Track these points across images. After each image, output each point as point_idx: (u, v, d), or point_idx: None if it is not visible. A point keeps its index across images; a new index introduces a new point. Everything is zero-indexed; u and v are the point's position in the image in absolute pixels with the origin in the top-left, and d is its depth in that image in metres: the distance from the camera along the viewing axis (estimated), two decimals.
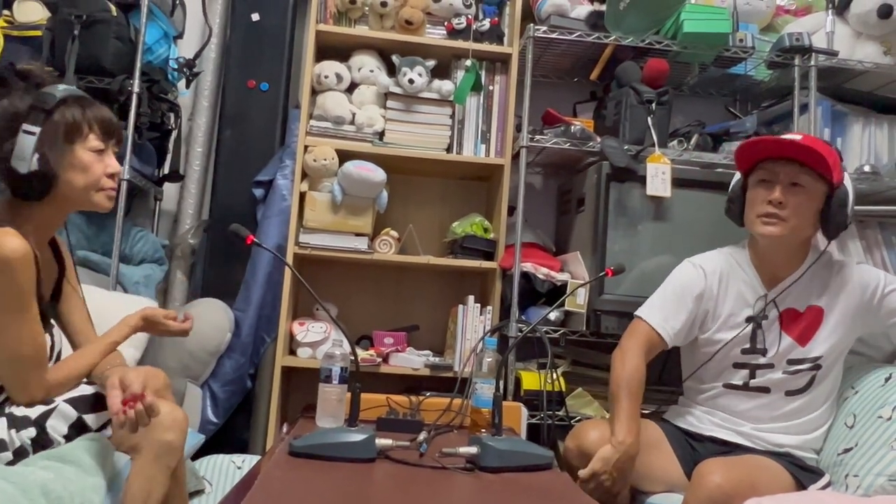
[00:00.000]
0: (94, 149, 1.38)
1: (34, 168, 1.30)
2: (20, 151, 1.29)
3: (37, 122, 1.31)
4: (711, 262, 1.80)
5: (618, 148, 2.19)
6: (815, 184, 1.63)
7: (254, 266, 2.42)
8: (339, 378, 1.65)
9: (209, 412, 2.30)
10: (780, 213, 1.64)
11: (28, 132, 1.30)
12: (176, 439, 1.48)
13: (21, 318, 1.28)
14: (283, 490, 1.15)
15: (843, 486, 1.56)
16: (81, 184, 1.37)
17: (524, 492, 1.27)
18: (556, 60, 2.56)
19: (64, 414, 1.40)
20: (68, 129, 1.35)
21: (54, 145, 1.33)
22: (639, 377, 1.69)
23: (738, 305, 1.74)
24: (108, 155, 1.42)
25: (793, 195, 1.64)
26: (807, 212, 1.64)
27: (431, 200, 2.59)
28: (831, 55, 2.31)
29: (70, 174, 1.36)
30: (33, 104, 1.32)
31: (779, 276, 1.72)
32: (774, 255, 1.72)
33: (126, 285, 2.29)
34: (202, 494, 1.92)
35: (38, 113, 1.32)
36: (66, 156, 1.35)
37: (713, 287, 1.76)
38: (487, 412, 1.72)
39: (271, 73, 2.59)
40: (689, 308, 1.75)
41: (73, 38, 2.15)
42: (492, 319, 2.27)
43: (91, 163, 1.38)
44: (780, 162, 1.65)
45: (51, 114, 1.33)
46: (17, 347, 1.29)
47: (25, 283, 1.27)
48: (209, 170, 2.68)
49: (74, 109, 1.36)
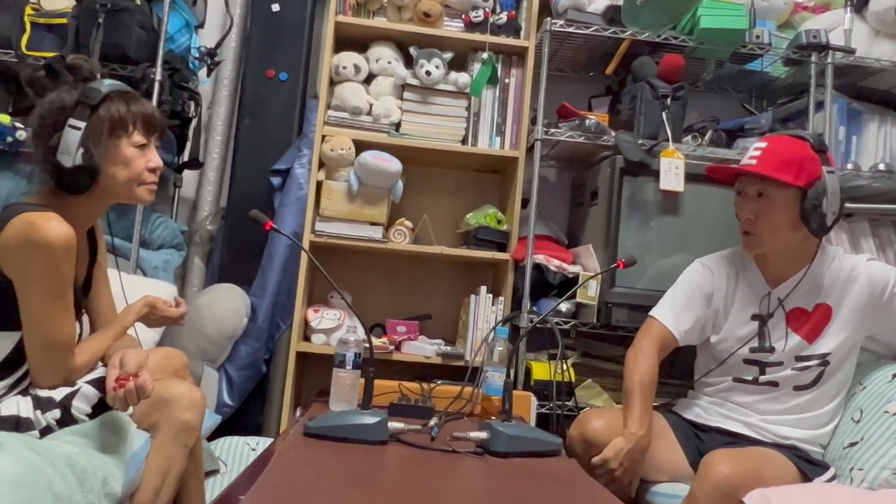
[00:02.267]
0: (137, 144, 1.40)
1: (78, 162, 1.32)
2: (65, 146, 1.31)
3: (82, 117, 1.33)
4: (720, 262, 1.83)
5: (632, 142, 2.20)
6: (780, 192, 1.64)
7: (270, 253, 2.46)
8: (352, 363, 1.68)
9: (225, 395, 2.35)
10: (753, 230, 1.68)
11: (74, 127, 1.32)
12: (193, 419, 1.52)
13: (59, 303, 1.29)
14: (298, 469, 1.18)
15: (848, 479, 1.58)
16: (123, 178, 1.39)
17: (533, 476, 1.30)
18: (572, 54, 2.58)
19: (87, 395, 1.44)
20: (113, 124, 1.36)
21: (99, 140, 1.35)
22: (651, 374, 1.72)
23: (745, 305, 1.76)
24: (150, 149, 1.44)
25: (762, 207, 1.66)
26: (780, 220, 1.65)
27: (446, 191, 2.62)
28: (848, 53, 2.31)
29: (113, 168, 1.38)
30: (80, 99, 1.34)
31: (783, 275, 1.74)
32: (775, 258, 1.74)
33: (146, 269, 2.34)
34: (217, 474, 1.97)
35: (84, 108, 1.33)
36: (110, 150, 1.37)
37: (722, 287, 1.79)
38: (498, 400, 1.75)
39: (290, 64, 2.62)
40: (699, 307, 1.79)
41: (97, 25, 2.19)
42: (503, 310, 2.29)
43: (134, 157, 1.39)
44: (745, 176, 1.70)
45: (96, 109, 1.35)
46: (52, 333, 1.29)
47: (66, 268, 1.28)
48: (228, 158, 2.72)
49: (119, 104, 1.38)
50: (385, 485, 1.15)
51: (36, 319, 1.28)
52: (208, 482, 1.92)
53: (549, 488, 1.23)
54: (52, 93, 1.37)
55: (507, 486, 1.22)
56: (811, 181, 1.62)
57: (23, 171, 2.41)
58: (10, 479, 1.10)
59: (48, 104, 1.35)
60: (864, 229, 2.30)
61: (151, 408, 1.51)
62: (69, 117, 1.32)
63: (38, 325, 1.28)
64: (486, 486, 1.22)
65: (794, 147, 1.66)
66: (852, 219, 2.31)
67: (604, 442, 1.65)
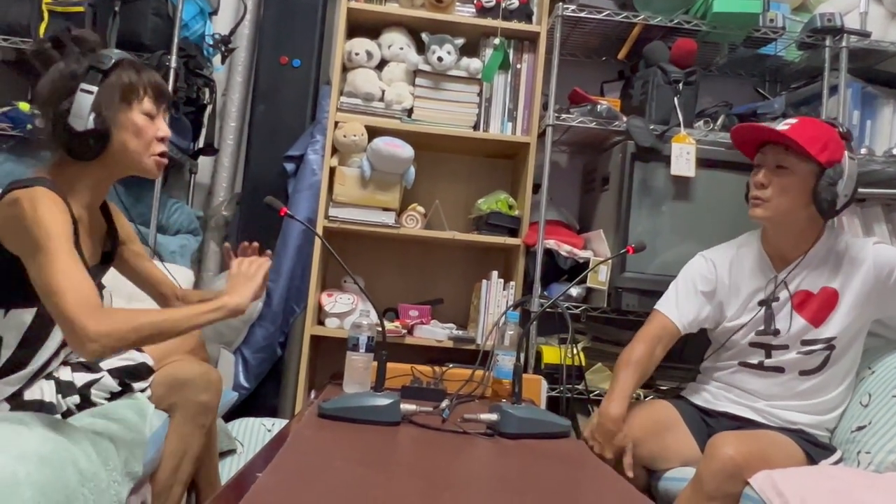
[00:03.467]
0: (147, 112, 1.41)
1: (91, 126, 1.32)
2: (78, 109, 1.32)
3: (94, 82, 1.34)
4: (721, 253, 1.86)
5: (643, 127, 2.20)
6: (800, 165, 1.65)
7: (284, 238, 2.50)
8: (365, 347, 1.71)
9: (241, 377, 2.40)
10: (762, 194, 1.69)
11: (86, 91, 1.33)
12: (211, 400, 1.57)
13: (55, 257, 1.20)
14: (313, 448, 1.22)
15: (855, 462, 1.60)
16: (134, 145, 1.39)
17: (542, 457, 1.33)
18: (584, 39, 2.57)
19: (106, 385, 1.48)
20: (124, 90, 1.38)
21: (111, 105, 1.36)
22: (639, 359, 1.77)
23: (751, 290, 1.77)
24: (159, 119, 1.45)
25: (777, 177, 1.68)
26: (792, 192, 1.66)
27: (458, 177, 2.64)
28: (864, 36, 2.28)
29: (124, 135, 1.38)
30: (91, 64, 1.35)
31: (788, 257, 1.75)
32: (780, 237, 1.75)
33: (163, 254, 2.38)
34: (234, 454, 2.02)
35: (96, 73, 1.35)
36: (121, 116, 1.38)
37: (724, 278, 1.82)
38: (508, 383, 1.78)
39: (303, 50, 2.64)
40: (701, 297, 1.82)
41: (113, 14, 2.23)
42: (514, 294, 2.31)
43: (144, 125, 1.40)
44: (769, 146, 1.71)
45: (107, 74, 1.36)
46: (55, 284, 1.19)
47: (55, 223, 1.23)
48: (242, 144, 2.75)
49: (130, 72, 1.39)
50: (397, 464, 1.19)
51: (44, 282, 1.20)
52: (225, 461, 1.97)
53: (558, 469, 1.26)
54: (59, 62, 1.37)
55: (516, 466, 1.25)
56: (832, 161, 1.63)
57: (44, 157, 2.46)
58: (38, 456, 1.14)
59: (58, 72, 1.36)
60: (878, 214, 2.29)
61: (169, 389, 1.55)
62: (81, 82, 1.33)
63: (43, 281, 1.20)
64: (495, 467, 1.25)
65: (823, 127, 1.68)
66: (865, 204, 2.30)
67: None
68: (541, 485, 1.13)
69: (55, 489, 1.13)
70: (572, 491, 1.13)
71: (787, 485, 1.37)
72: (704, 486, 1.48)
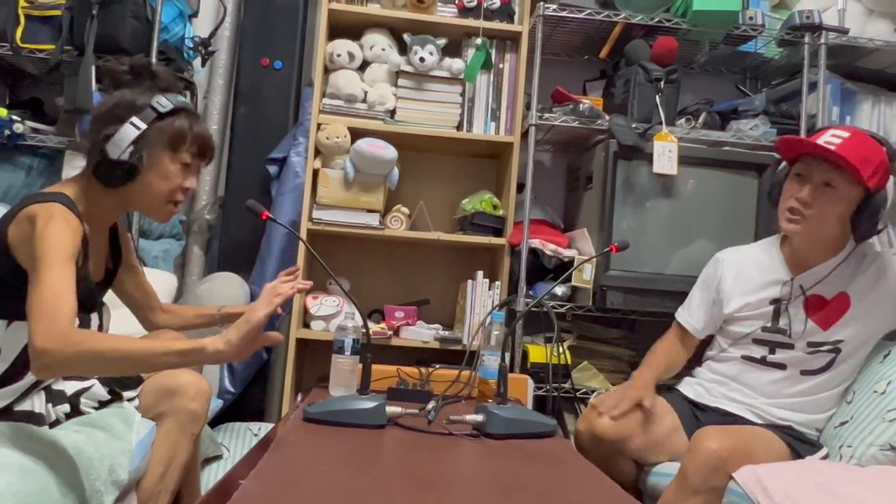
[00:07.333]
0: (184, 162, 1.44)
1: (124, 158, 1.36)
2: (119, 139, 1.35)
3: (146, 120, 1.37)
4: (736, 252, 1.88)
5: (625, 126, 2.21)
6: (848, 187, 1.59)
7: (268, 241, 2.48)
8: (351, 349, 1.70)
9: (226, 382, 2.38)
10: (805, 211, 1.64)
11: (135, 125, 1.36)
12: (199, 408, 1.56)
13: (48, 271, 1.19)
14: (297, 453, 1.21)
15: (838, 456, 1.61)
16: (157, 189, 1.43)
17: (527, 456, 1.33)
18: (565, 38, 2.58)
19: (96, 394, 1.47)
20: (172, 137, 1.41)
21: (153, 147, 1.39)
22: (660, 351, 1.89)
23: (763, 289, 1.76)
24: (192, 171, 1.48)
25: (822, 195, 1.62)
26: (832, 214, 1.63)
27: (442, 177, 2.63)
28: (842, 33, 2.31)
29: (152, 177, 1.41)
30: (151, 104, 1.38)
31: (808, 264, 1.73)
32: (803, 246, 1.73)
33: (145, 259, 2.36)
34: (220, 459, 2.01)
35: (151, 112, 1.38)
36: (158, 160, 1.41)
37: (728, 275, 1.83)
38: (494, 383, 1.78)
39: (285, 52, 2.63)
40: (709, 301, 1.86)
41: (91, 17, 2.20)
42: (500, 294, 2.32)
43: (175, 174, 1.43)
44: (818, 160, 1.63)
45: (162, 117, 1.39)
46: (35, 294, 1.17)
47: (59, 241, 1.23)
48: (224, 147, 2.73)
49: (184, 121, 1.42)
50: (382, 467, 1.18)
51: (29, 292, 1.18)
52: (211, 467, 1.96)
53: (544, 469, 1.26)
54: (126, 89, 1.41)
55: (501, 466, 1.25)
56: (879, 187, 1.59)
57: (22, 163, 2.43)
58: (19, 467, 1.13)
59: (120, 97, 1.40)
60: None
61: (158, 398, 1.54)
62: (133, 115, 1.37)
63: (30, 296, 1.18)
64: (480, 467, 1.25)
65: (875, 147, 1.61)
66: None
67: (615, 436, 1.68)
68: (526, 485, 1.14)
69: (37, 500, 1.12)
70: (558, 491, 1.13)
71: (772, 480, 1.37)
72: (689, 480, 1.48)
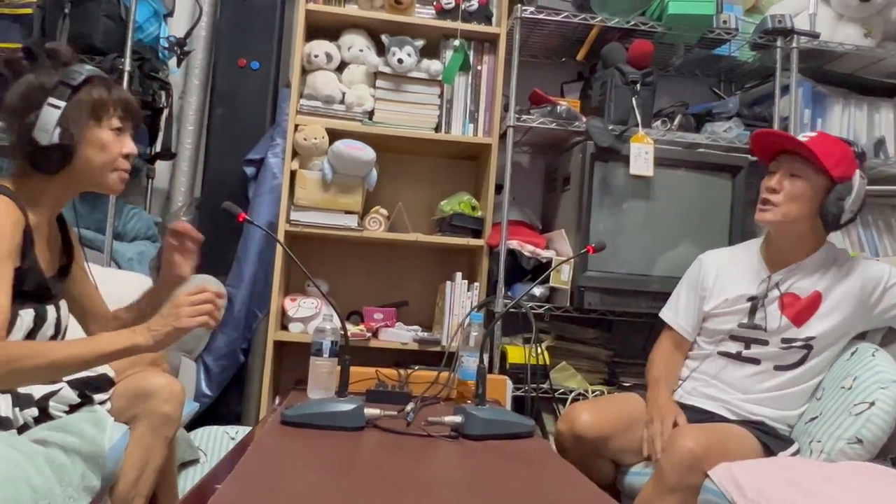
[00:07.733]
0: (114, 128, 1.41)
1: (55, 141, 1.32)
2: (43, 123, 1.32)
3: (62, 98, 1.33)
4: (718, 253, 1.95)
5: (602, 128, 2.23)
6: (813, 176, 1.69)
7: (246, 243, 2.46)
8: (329, 352, 1.70)
9: (203, 385, 2.36)
10: (773, 198, 1.74)
11: (53, 105, 1.32)
12: (173, 411, 1.54)
13: None
14: (275, 456, 1.20)
15: (808, 451, 1.64)
16: (98, 161, 1.39)
17: (505, 457, 1.33)
18: (543, 41, 2.59)
19: (65, 397, 1.44)
20: (93, 106, 1.37)
21: (78, 121, 1.35)
22: (660, 365, 1.91)
23: (742, 287, 1.82)
24: (126, 136, 1.44)
25: (790, 184, 1.72)
26: (801, 200, 1.71)
27: (420, 179, 2.63)
28: (813, 37, 2.35)
29: (88, 150, 1.38)
30: (61, 80, 1.34)
31: (785, 262, 1.79)
32: (781, 243, 1.80)
33: (120, 262, 2.33)
34: (197, 464, 1.99)
35: (65, 88, 1.34)
36: (87, 132, 1.37)
37: (708, 274, 1.89)
38: (473, 384, 1.78)
39: (262, 52, 2.61)
40: (695, 301, 1.91)
41: (63, 16, 2.17)
42: (479, 295, 2.32)
43: (110, 142, 1.40)
44: (785, 154, 1.75)
45: (77, 90, 1.35)
46: None
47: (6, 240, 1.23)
48: (201, 148, 2.71)
49: (100, 89, 1.39)
50: (360, 470, 1.18)
51: None
52: (188, 471, 1.94)
53: (521, 469, 1.27)
54: (29, 74, 1.36)
55: (480, 467, 1.25)
56: (843, 177, 1.68)
57: None
58: None
59: (27, 83, 1.36)
60: None
61: (131, 401, 1.51)
62: (49, 96, 1.33)
63: None
64: (459, 468, 1.25)
65: (840, 144, 1.74)
66: None
67: (596, 436, 1.70)
68: (504, 486, 1.14)
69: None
70: (535, 491, 1.14)
71: (745, 477, 1.40)
72: (665, 479, 1.51)
